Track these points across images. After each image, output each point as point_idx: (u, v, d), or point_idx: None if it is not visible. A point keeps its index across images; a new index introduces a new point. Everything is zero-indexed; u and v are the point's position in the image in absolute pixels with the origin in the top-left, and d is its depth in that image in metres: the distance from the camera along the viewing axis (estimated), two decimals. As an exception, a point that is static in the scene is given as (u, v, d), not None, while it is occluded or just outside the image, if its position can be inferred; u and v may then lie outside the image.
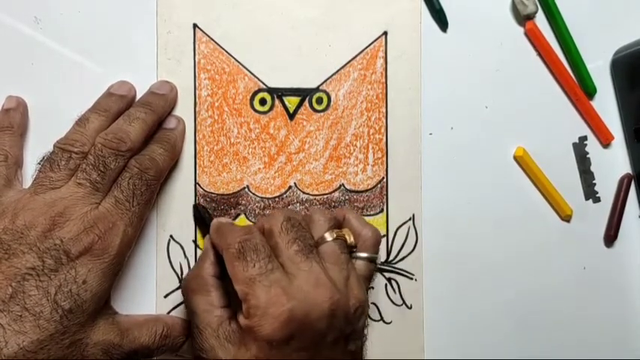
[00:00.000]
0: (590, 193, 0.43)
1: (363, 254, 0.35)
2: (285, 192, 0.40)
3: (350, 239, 0.35)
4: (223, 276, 0.34)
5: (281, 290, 0.30)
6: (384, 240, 0.41)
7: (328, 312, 0.31)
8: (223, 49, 0.40)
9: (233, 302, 0.33)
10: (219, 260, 0.34)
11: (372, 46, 0.41)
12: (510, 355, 0.42)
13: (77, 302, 0.31)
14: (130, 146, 0.35)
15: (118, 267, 0.34)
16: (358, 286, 0.33)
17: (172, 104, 0.39)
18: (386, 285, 0.41)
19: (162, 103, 0.38)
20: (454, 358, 0.41)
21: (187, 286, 0.34)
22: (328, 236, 0.34)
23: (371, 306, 0.40)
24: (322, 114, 0.40)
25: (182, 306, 0.39)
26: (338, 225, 0.35)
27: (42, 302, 0.30)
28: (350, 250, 0.35)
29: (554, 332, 0.43)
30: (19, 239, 0.31)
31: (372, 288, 0.40)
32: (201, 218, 0.38)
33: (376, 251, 0.36)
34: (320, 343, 0.31)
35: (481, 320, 0.42)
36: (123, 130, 0.35)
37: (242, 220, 0.40)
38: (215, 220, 0.36)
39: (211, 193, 0.40)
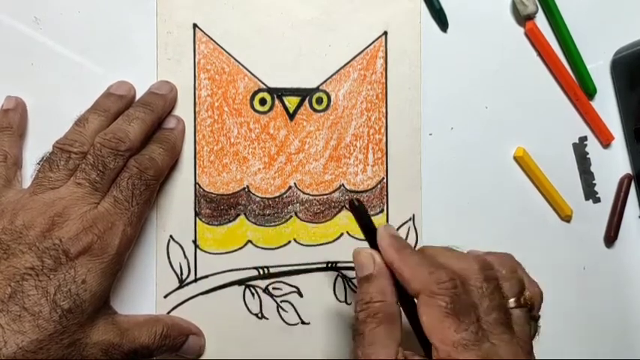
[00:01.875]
0: (590, 193, 0.43)
1: (536, 314, 0.32)
2: (285, 192, 0.40)
3: (530, 302, 0.31)
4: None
5: None
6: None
7: None
8: (223, 49, 0.40)
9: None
10: (393, 279, 0.31)
11: (372, 46, 0.41)
12: (510, 356, 0.42)
13: (76, 302, 0.31)
14: (129, 146, 0.35)
15: (117, 267, 0.34)
16: (532, 350, 0.31)
17: (172, 104, 0.39)
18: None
19: (161, 103, 0.38)
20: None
21: (373, 312, 0.31)
22: (514, 302, 0.31)
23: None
24: (322, 114, 0.40)
25: (182, 306, 0.39)
26: (523, 287, 0.32)
27: (41, 302, 0.30)
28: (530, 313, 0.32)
29: (553, 332, 0.43)
30: (18, 239, 0.31)
31: None
32: (364, 222, 0.33)
33: (539, 309, 0.33)
34: None
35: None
36: (122, 130, 0.35)
37: (242, 221, 0.40)
38: (385, 233, 0.32)
39: (211, 193, 0.39)
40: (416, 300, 0.30)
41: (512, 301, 0.31)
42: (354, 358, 0.30)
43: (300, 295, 0.40)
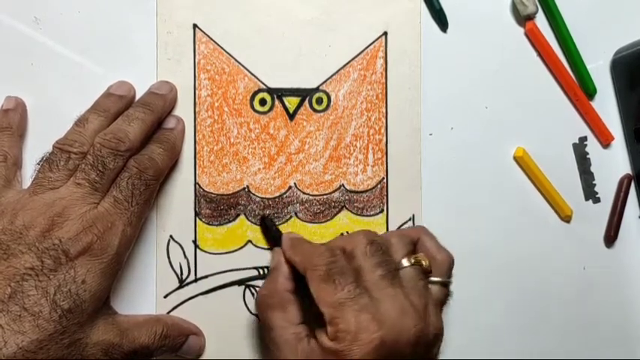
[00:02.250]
0: (590, 193, 0.43)
1: (439, 279, 0.35)
2: (285, 192, 0.40)
3: (426, 264, 0.34)
4: (297, 291, 0.34)
5: (371, 316, 0.30)
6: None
7: (413, 340, 0.31)
8: (223, 49, 0.40)
9: (307, 318, 0.34)
10: (293, 275, 0.35)
11: (372, 46, 0.41)
12: (510, 355, 0.42)
13: (76, 302, 0.31)
14: (129, 146, 0.35)
15: (117, 267, 0.34)
16: (435, 314, 0.33)
17: (172, 104, 0.39)
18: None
19: (161, 103, 0.38)
20: (453, 358, 0.41)
21: (263, 301, 0.34)
22: (406, 262, 0.34)
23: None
24: (322, 114, 0.40)
25: (182, 306, 0.39)
26: (413, 249, 0.35)
27: (41, 302, 0.30)
28: (426, 274, 0.34)
29: (553, 332, 0.43)
30: (18, 239, 0.31)
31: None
32: (269, 230, 0.39)
33: (450, 275, 0.36)
34: None
35: (480, 320, 0.42)
36: (122, 130, 0.35)
37: (242, 221, 0.40)
38: (286, 236, 0.37)
39: (211, 193, 0.39)
40: None
41: (404, 261, 0.34)
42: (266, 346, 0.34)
43: (300, 295, 0.40)
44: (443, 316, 0.35)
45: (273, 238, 0.38)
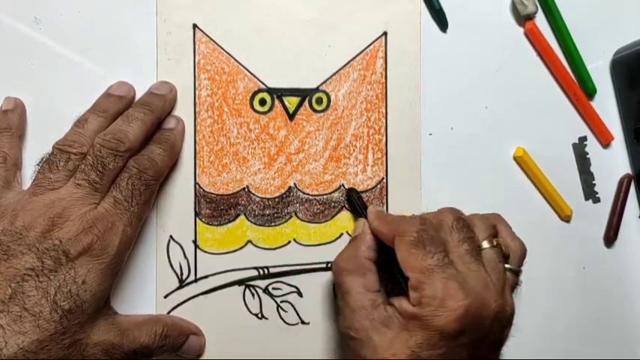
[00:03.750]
0: (590, 193, 0.43)
1: (512, 266, 0.35)
2: (285, 192, 0.40)
3: (505, 249, 0.35)
4: (376, 262, 0.35)
5: (458, 285, 0.31)
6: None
7: (494, 314, 0.31)
8: (223, 49, 0.40)
9: (383, 288, 0.34)
10: (375, 245, 0.35)
11: (371, 46, 0.41)
12: (510, 355, 0.42)
13: (77, 302, 0.31)
14: (129, 146, 0.35)
15: (117, 267, 0.34)
16: (510, 296, 0.34)
17: (171, 105, 0.39)
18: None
19: (161, 103, 0.38)
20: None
21: (343, 266, 0.35)
22: (487, 243, 0.34)
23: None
24: (322, 114, 0.40)
25: (182, 306, 0.39)
26: (495, 233, 0.36)
27: (41, 302, 0.30)
28: (504, 258, 0.35)
29: (553, 332, 0.43)
30: (18, 240, 0.31)
31: None
32: (354, 202, 0.39)
33: (521, 264, 0.36)
34: (480, 344, 0.32)
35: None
36: (121, 131, 0.35)
37: (242, 221, 0.40)
38: (373, 207, 0.38)
39: (211, 193, 0.40)
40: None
41: (485, 242, 0.34)
42: (339, 312, 0.35)
43: (300, 295, 0.40)
44: None
45: (358, 210, 0.39)
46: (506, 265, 0.35)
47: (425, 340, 0.30)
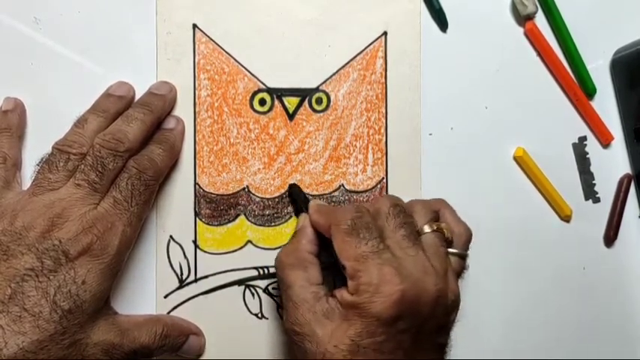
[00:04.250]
0: (590, 193, 0.43)
1: (457, 250, 0.35)
2: (285, 192, 0.40)
3: (447, 234, 0.35)
4: (318, 257, 0.35)
5: (394, 270, 0.30)
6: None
7: (434, 298, 0.31)
8: (223, 49, 0.40)
9: (326, 280, 0.34)
10: (316, 239, 0.35)
11: (371, 46, 0.41)
12: (510, 355, 0.42)
13: (76, 303, 0.31)
14: (129, 147, 0.35)
15: (117, 267, 0.34)
16: (454, 280, 0.34)
17: (171, 105, 0.39)
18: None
19: (161, 103, 0.38)
20: (452, 359, 0.41)
21: (284, 260, 0.35)
22: (428, 227, 0.34)
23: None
24: (322, 114, 0.40)
25: (182, 306, 0.39)
26: (436, 217, 0.36)
27: (41, 303, 0.30)
28: (447, 243, 0.35)
29: (553, 332, 0.43)
30: (18, 240, 0.31)
31: None
32: (296, 197, 0.39)
33: (467, 248, 0.36)
34: (421, 329, 0.31)
35: (480, 320, 0.42)
36: (121, 131, 0.35)
37: (242, 221, 0.40)
38: (314, 201, 0.37)
39: (211, 193, 0.40)
40: None
41: (425, 227, 0.34)
42: (282, 306, 0.34)
43: (300, 295, 0.40)
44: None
45: (300, 205, 0.39)
46: (451, 250, 0.35)
47: (364, 328, 0.30)
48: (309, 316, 0.32)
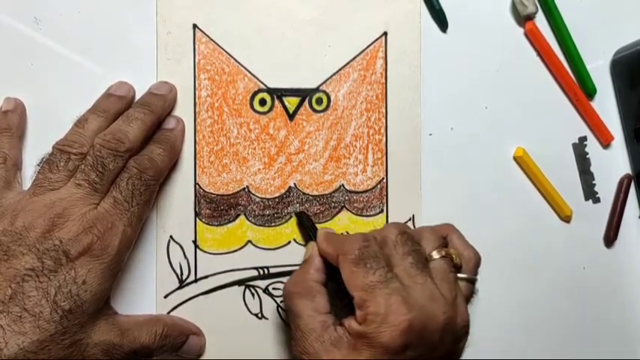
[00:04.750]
0: (590, 193, 0.43)
1: (466, 275, 0.35)
2: (285, 192, 0.40)
3: (456, 258, 0.35)
4: (326, 286, 0.35)
5: (401, 299, 0.31)
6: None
7: (442, 326, 0.31)
8: (223, 49, 0.40)
9: (334, 309, 0.34)
10: (324, 268, 0.35)
11: (371, 46, 0.41)
12: (510, 355, 0.42)
13: (77, 303, 0.31)
14: (129, 147, 0.35)
15: (117, 267, 0.34)
16: (464, 307, 0.34)
17: (171, 105, 0.39)
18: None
19: (161, 103, 0.38)
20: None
21: (292, 290, 0.35)
22: (436, 254, 0.34)
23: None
24: (322, 114, 0.40)
25: (182, 306, 0.39)
26: (445, 243, 0.36)
27: (41, 303, 0.30)
28: (456, 268, 0.35)
29: (553, 332, 0.43)
30: (18, 240, 0.31)
31: None
32: (305, 225, 0.39)
33: (476, 273, 0.36)
34: (430, 357, 0.31)
35: (480, 320, 0.42)
36: (122, 131, 0.35)
37: (242, 221, 0.40)
38: (322, 230, 0.37)
39: (211, 193, 0.40)
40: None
41: (434, 253, 0.34)
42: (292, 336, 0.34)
43: (300, 295, 0.40)
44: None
45: (308, 233, 0.39)
46: (460, 275, 0.35)
47: (372, 357, 0.30)
48: (317, 346, 0.32)
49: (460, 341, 0.33)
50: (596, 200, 0.44)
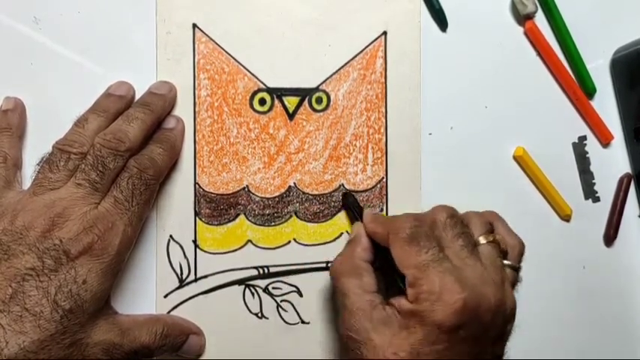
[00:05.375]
0: (590, 192, 0.43)
1: (511, 262, 0.35)
2: (285, 192, 0.40)
3: (502, 245, 0.35)
4: (372, 263, 0.35)
5: (454, 278, 0.31)
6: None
7: (494, 308, 0.31)
8: (223, 49, 0.40)
9: (381, 288, 0.34)
10: (371, 247, 0.35)
11: (371, 46, 0.41)
12: (510, 355, 0.42)
13: (77, 302, 0.31)
14: (129, 146, 0.35)
15: (117, 267, 0.34)
16: (511, 291, 0.34)
17: (171, 104, 0.39)
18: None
19: (161, 103, 0.38)
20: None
21: (339, 268, 0.35)
22: (484, 239, 0.34)
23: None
24: (322, 114, 0.40)
25: (182, 306, 0.39)
26: (491, 229, 0.36)
27: (42, 302, 0.30)
28: (502, 254, 0.35)
29: (553, 331, 0.43)
30: (19, 240, 0.31)
31: None
32: (351, 206, 0.39)
33: (520, 261, 0.36)
34: (481, 338, 0.31)
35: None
36: (122, 130, 0.35)
37: (242, 220, 0.40)
38: (368, 210, 0.38)
39: (211, 193, 0.40)
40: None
41: (481, 238, 0.34)
42: (338, 313, 0.34)
43: (300, 294, 0.40)
44: None
45: (354, 213, 0.39)
46: (506, 262, 0.35)
47: (424, 336, 0.30)
48: (366, 324, 0.32)
49: (508, 324, 0.33)
50: (596, 199, 0.44)
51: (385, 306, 0.33)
